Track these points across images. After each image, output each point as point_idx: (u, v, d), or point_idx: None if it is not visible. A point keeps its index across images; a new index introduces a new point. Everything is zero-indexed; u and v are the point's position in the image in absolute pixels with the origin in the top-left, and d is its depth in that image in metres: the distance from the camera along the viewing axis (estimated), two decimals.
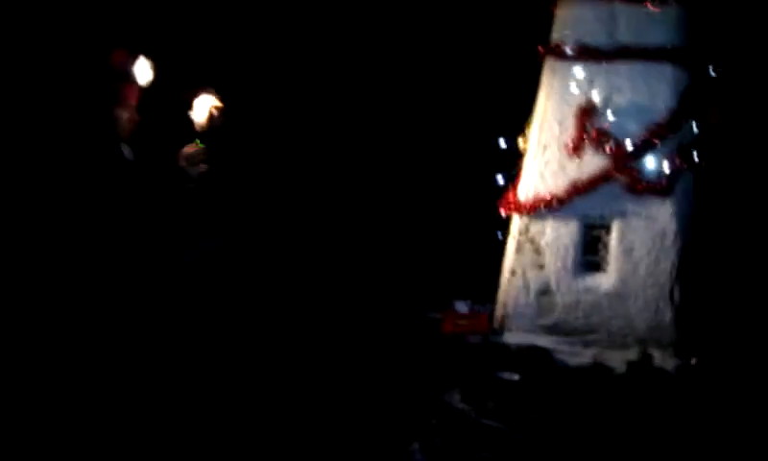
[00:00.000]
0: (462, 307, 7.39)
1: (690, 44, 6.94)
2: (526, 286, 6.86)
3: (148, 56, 4.86)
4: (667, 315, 6.57)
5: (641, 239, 6.65)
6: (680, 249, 6.62)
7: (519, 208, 6.97)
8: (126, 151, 4.64)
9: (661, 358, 6.40)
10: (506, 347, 6.55)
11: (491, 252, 7.55)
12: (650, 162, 6.68)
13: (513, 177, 7.32)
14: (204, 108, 4.88)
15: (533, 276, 6.85)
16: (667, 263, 6.61)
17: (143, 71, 4.74)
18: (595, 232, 6.79)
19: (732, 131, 6.95)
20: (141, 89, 4.80)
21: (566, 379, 6.20)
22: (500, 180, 7.40)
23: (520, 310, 6.85)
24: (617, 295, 6.66)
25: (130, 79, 4.68)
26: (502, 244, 7.37)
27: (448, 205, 8.45)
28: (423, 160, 8.52)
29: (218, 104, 5.03)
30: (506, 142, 7.44)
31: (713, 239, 6.63)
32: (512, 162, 7.38)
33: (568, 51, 7.00)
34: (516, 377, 6.01)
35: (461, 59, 8.35)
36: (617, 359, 6.38)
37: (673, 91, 6.81)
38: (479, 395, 5.98)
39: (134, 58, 4.76)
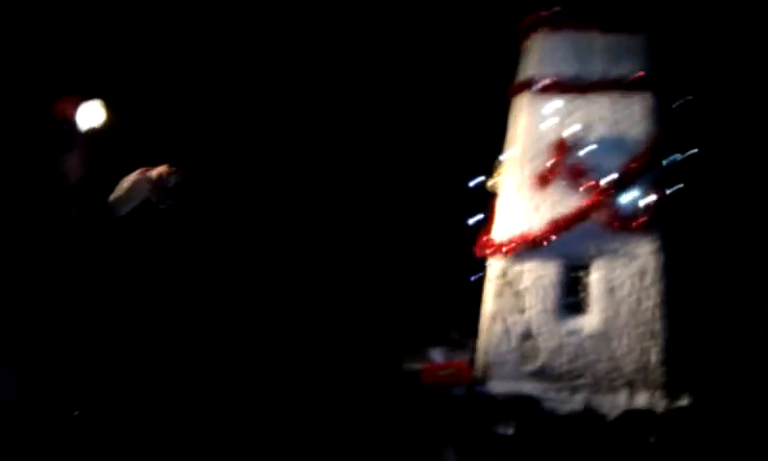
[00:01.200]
0: (437, 356, 7.11)
1: (665, 73, 6.86)
2: (507, 331, 6.61)
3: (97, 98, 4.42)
4: (654, 355, 6.41)
5: (623, 278, 6.49)
6: (663, 286, 6.47)
7: (496, 250, 6.73)
8: (72, 205, 4.17)
9: (650, 399, 6.25)
10: (492, 397, 6.28)
11: (462, 295, 7.31)
12: (629, 198, 6.55)
13: (485, 218, 7.09)
14: (90, 115, 4.35)
15: (514, 320, 6.62)
16: (650, 302, 6.45)
17: (90, 116, 4.29)
18: (576, 273, 6.61)
19: (709, 158, 6.90)
20: (89, 134, 4.34)
21: (560, 429, 5.97)
22: (472, 221, 7.15)
23: (503, 357, 6.60)
24: (602, 337, 6.47)
25: (76, 125, 4.22)
26: (474, 287, 7.14)
27: (415, 248, 8.18)
28: (391, 202, 8.24)
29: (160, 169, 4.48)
30: (476, 183, 7.20)
31: (695, 272, 6.53)
32: (483, 203, 7.16)
33: (542, 85, 6.84)
34: (512, 431, 5.72)
35: (428, 98, 8.13)
36: (608, 404, 6.20)
37: (651, 123, 6.70)
38: (475, 452, 5.67)
39: (80, 102, 4.31)
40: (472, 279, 7.11)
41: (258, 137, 8.06)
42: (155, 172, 4.25)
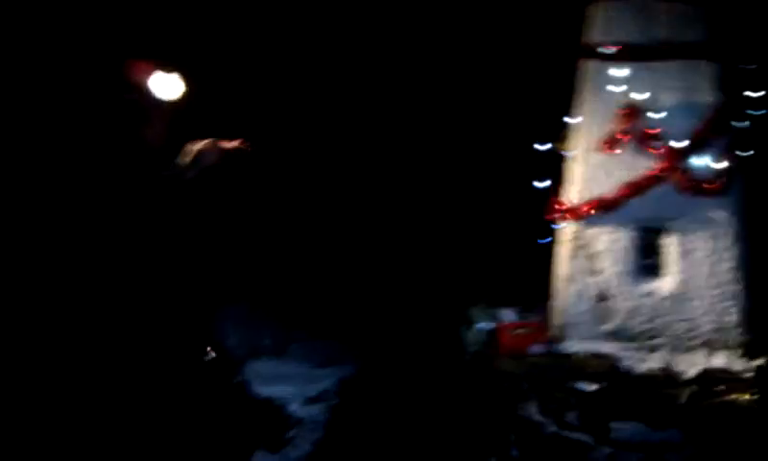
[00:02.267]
0: (510, 316, 7.15)
1: (728, 40, 6.86)
2: (584, 293, 6.65)
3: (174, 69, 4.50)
4: (733, 316, 6.44)
5: (700, 241, 6.52)
6: (740, 248, 6.51)
7: (570, 214, 6.76)
8: (165, 171, 4.24)
9: (728, 359, 6.27)
10: (571, 356, 6.33)
11: (529, 257, 7.35)
12: (702, 162, 6.57)
13: (554, 182, 7.12)
14: (168, 86, 4.38)
15: (590, 282, 6.65)
16: (728, 263, 6.48)
17: (170, 86, 4.33)
18: (651, 236, 6.64)
19: None
20: (169, 105, 4.38)
21: (638, 386, 5.99)
22: (541, 185, 7.18)
23: (580, 317, 6.64)
24: (679, 298, 6.52)
25: (153, 95, 4.26)
26: (541, 249, 7.17)
27: (482, 212, 8.23)
28: (461, 167, 8.30)
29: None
30: (545, 146, 7.23)
31: None
32: (551, 167, 7.19)
33: (607, 51, 6.85)
34: (594, 387, 5.76)
35: (496, 64, 8.17)
36: (685, 363, 6.22)
37: (717, 89, 6.71)
38: (557, 407, 5.71)
39: (161, 71, 4.35)
40: (541, 242, 7.15)
41: (325, 108, 8.15)
42: (232, 143, 4.32)
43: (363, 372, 6.27)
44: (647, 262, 6.64)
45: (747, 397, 5.80)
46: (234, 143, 4.30)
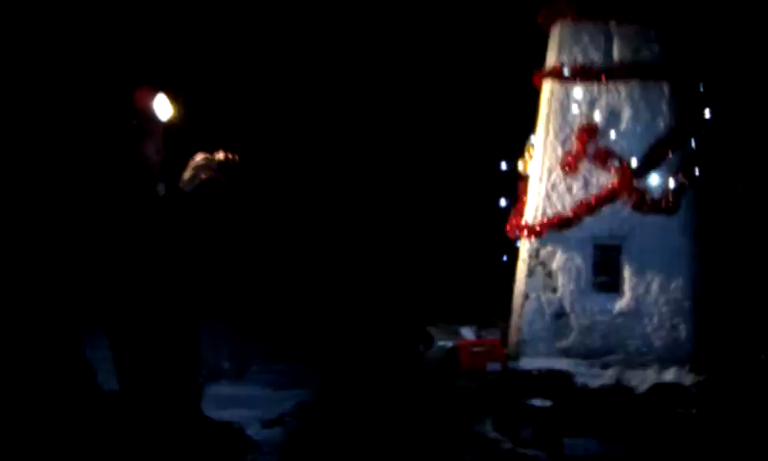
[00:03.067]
0: (468, 333, 7.33)
1: (685, 60, 7.04)
2: (540, 310, 6.83)
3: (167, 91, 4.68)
4: (683, 332, 6.63)
5: (652, 257, 6.71)
6: (691, 264, 6.70)
7: (528, 231, 6.93)
8: (159, 188, 4.47)
9: (679, 374, 6.45)
10: (527, 373, 6.49)
11: (489, 275, 7.53)
12: (655, 180, 6.76)
13: (516, 200, 7.31)
14: (164, 106, 4.64)
15: (546, 299, 6.83)
16: (680, 280, 6.67)
17: (164, 107, 4.59)
18: (606, 253, 6.82)
19: (729, 143, 7.07)
20: (164, 124, 4.64)
21: (592, 402, 6.16)
22: (502, 203, 7.37)
23: (536, 334, 6.82)
24: (633, 314, 6.70)
25: (153, 115, 4.53)
26: (503, 267, 7.35)
27: (441, 229, 8.39)
28: (421, 186, 8.44)
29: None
30: (506, 165, 7.41)
31: (723, 252, 6.72)
32: (511, 185, 7.37)
33: (566, 72, 7.02)
34: (549, 404, 5.93)
35: (457, 84, 8.32)
36: (638, 378, 6.39)
37: (672, 108, 6.90)
38: (512, 423, 5.87)
39: (156, 94, 4.59)
40: (504, 258, 7.32)
41: (304, 126, 8.27)
42: (218, 155, 4.51)
43: (323, 393, 6.39)
44: (601, 279, 6.82)
45: (693, 410, 5.98)
46: (221, 155, 4.48)
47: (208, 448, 4.98)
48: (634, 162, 6.75)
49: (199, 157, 4.46)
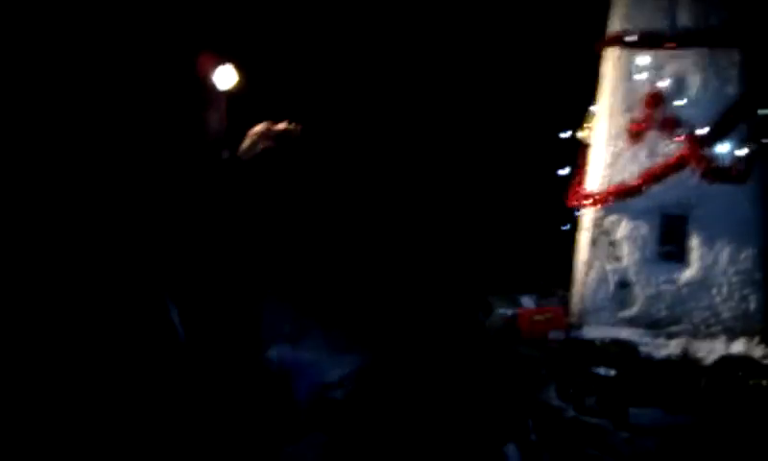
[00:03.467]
0: (528, 302, 7.23)
1: (755, 26, 6.83)
2: (604, 279, 6.72)
3: (231, 60, 4.70)
4: (752, 304, 6.47)
5: (721, 227, 6.55)
6: (761, 234, 6.53)
7: (593, 200, 6.81)
8: (224, 153, 4.48)
9: (748, 346, 6.31)
10: (590, 342, 6.39)
11: (549, 244, 7.43)
12: (724, 149, 6.58)
13: (577, 169, 7.19)
14: (226, 76, 4.64)
15: (610, 268, 6.72)
16: (749, 250, 6.51)
17: (226, 76, 4.60)
18: (672, 223, 6.67)
19: None
20: (227, 94, 4.65)
21: (657, 372, 6.05)
22: (563, 172, 7.25)
23: (599, 304, 6.72)
24: (700, 285, 6.57)
25: (215, 84, 4.54)
26: (561, 235, 7.26)
27: (502, 198, 8.29)
28: (482, 155, 8.36)
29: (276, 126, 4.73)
30: (567, 134, 7.29)
31: None
32: (573, 154, 7.24)
33: (631, 39, 6.86)
34: (613, 373, 5.83)
35: (520, 52, 8.21)
36: (705, 350, 6.26)
37: (742, 75, 6.70)
38: (576, 391, 5.79)
39: (218, 62, 4.60)
40: (564, 228, 7.22)
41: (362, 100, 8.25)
42: (280, 125, 4.51)
43: (381, 359, 6.37)
44: (668, 249, 6.68)
45: (765, 383, 5.84)
46: (283, 125, 4.49)
47: (271, 399, 5.01)
48: (702, 131, 6.58)
49: (258, 127, 4.46)
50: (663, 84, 6.74)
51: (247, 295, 4.64)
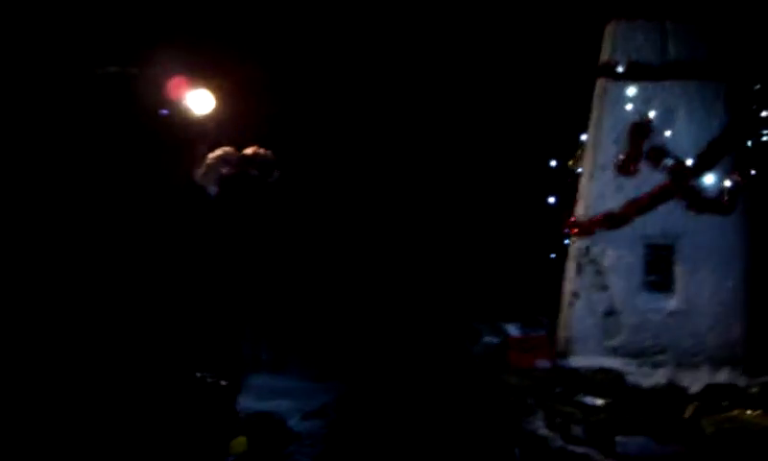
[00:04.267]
0: (514, 331, 7.27)
1: (741, 60, 6.95)
2: (590, 308, 6.77)
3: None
4: (737, 333, 6.54)
5: (706, 257, 6.63)
6: (746, 265, 6.61)
7: (579, 229, 6.87)
8: (211, 189, 4.45)
9: (732, 375, 6.36)
10: (577, 371, 6.44)
11: (536, 272, 7.48)
12: (709, 179, 6.66)
13: (565, 198, 7.25)
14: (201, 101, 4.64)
15: (597, 297, 6.76)
16: (733, 280, 6.59)
17: (203, 100, 4.57)
18: (658, 252, 6.73)
19: None
20: (200, 119, 4.63)
21: (644, 401, 6.10)
22: (551, 200, 7.32)
23: (586, 333, 6.75)
24: (685, 314, 6.63)
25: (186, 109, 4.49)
26: (547, 264, 7.32)
27: (489, 226, 8.33)
28: (470, 181, 8.40)
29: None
30: (556, 163, 7.37)
31: None
32: (562, 183, 7.32)
33: (621, 70, 6.94)
34: (600, 402, 5.87)
35: (512, 80, 8.26)
36: (690, 378, 6.32)
37: (727, 107, 6.80)
38: (563, 420, 5.83)
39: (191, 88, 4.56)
40: (552, 256, 7.28)
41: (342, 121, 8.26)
42: (248, 150, 4.51)
43: (365, 386, 6.39)
44: (653, 278, 6.74)
45: (750, 412, 5.88)
46: (251, 149, 4.48)
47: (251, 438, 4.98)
48: (688, 161, 6.67)
49: (217, 152, 4.46)
50: (651, 114, 6.83)
51: (225, 324, 4.64)
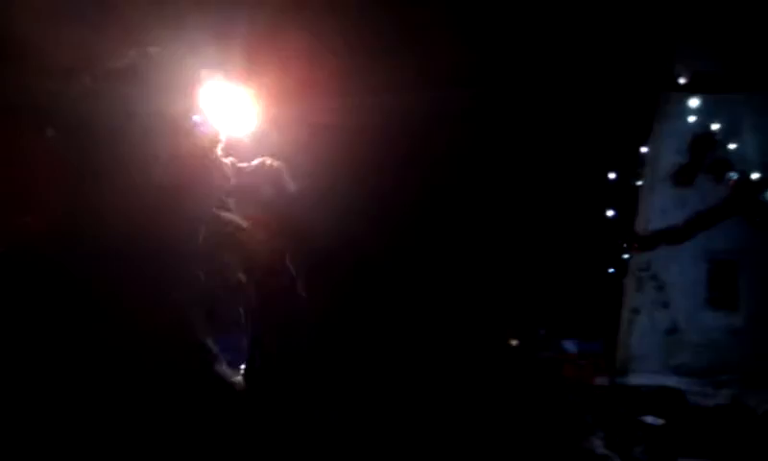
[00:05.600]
0: (570, 347, 7.13)
1: None
2: (651, 325, 6.62)
3: None
4: None
5: None
6: None
7: (640, 244, 6.73)
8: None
9: None
10: (637, 389, 6.27)
11: (593, 288, 7.33)
12: None
13: (625, 212, 7.10)
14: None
15: (658, 314, 6.61)
16: None
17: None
18: (722, 268, 6.55)
19: None
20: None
21: (707, 421, 5.90)
22: (611, 214, 7.17)
23: (646, 350, 6.61)
24: (750, 332, 6.42)
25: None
26: (605, 279, 7.17)
27: (548, 241, 8.18)
28: (529, 194, 8.27)
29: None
30: (616, 176, 7.22)
31: None
32: (622, 197, 7.16)
33: (683, 82, 6.79)
34: (662, 422, 5.70)
35: (568, 92, 8.12)
36: (756, 398, 6.10)
37: None
38: (624, 440, 5.66)
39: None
40: (611, 271, 7.13)
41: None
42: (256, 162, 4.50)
43: (423, 408, 6.30)
44: (717, 295, 6.56)
45: None
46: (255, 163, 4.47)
47: None
48: (753, 175, 6.48)
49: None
50: (714, 127, 6.66)
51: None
